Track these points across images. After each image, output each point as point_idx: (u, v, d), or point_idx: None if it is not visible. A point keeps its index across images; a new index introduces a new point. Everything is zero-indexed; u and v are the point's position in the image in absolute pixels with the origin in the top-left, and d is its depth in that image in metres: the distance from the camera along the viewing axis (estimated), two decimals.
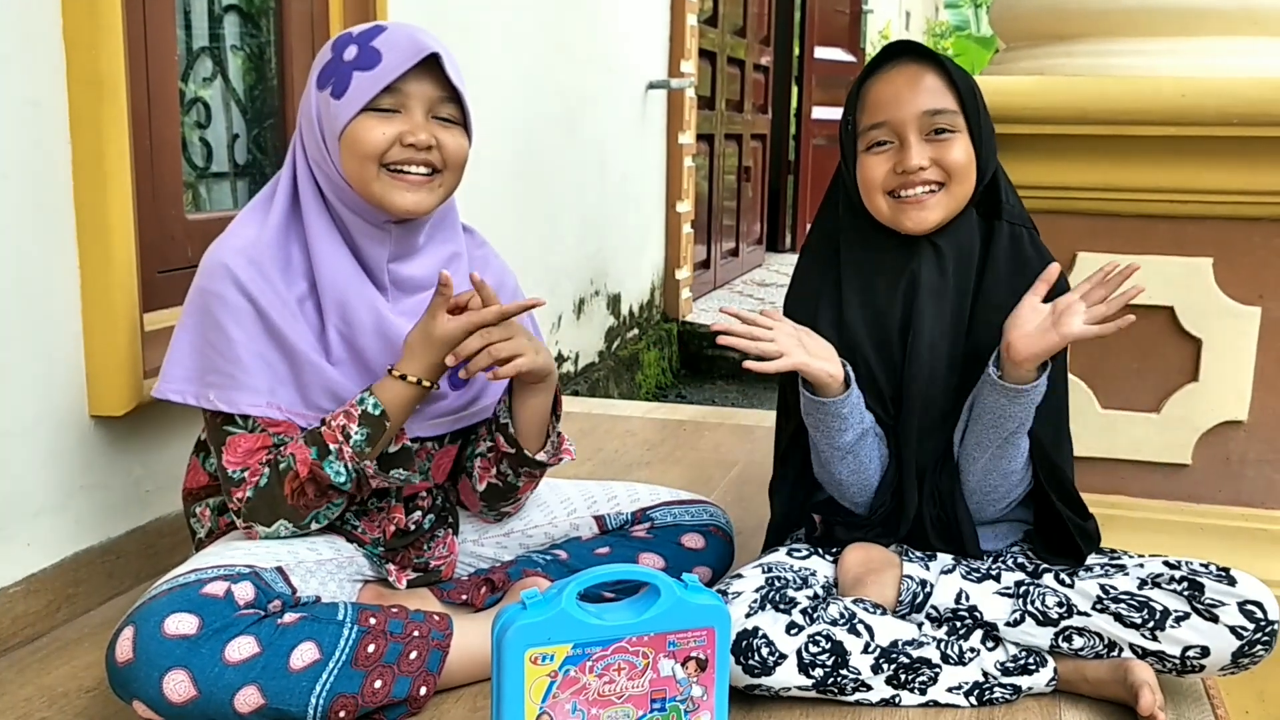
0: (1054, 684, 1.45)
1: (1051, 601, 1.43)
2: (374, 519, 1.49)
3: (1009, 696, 1.43)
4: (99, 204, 1.65)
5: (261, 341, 1.39)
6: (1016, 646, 1.45)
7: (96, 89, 1.62)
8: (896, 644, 1.40)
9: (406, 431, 1.48)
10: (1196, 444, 1.89)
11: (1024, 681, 1.44)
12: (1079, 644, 1.42)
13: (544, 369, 1.46)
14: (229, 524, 1.51)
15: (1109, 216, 1.87)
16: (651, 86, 4.76)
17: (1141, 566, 1.45)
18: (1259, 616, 1.37)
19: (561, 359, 3.95)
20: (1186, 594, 1.39)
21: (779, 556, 1.52)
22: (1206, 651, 1.38)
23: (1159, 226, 1.85)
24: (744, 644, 1.35)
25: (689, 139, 5.15)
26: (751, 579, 1.45)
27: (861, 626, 1.40)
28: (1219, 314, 1.84)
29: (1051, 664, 1.45)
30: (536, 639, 1.13)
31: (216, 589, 1.29)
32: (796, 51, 7.57)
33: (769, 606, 1.40)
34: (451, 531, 1.57)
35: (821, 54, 7.64)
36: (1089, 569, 1.47)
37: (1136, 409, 1.91)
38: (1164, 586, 1.41)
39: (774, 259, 7.44)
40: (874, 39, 11.06)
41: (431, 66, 1.39)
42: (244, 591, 1.32)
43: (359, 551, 1.49)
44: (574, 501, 1.68)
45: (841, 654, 1.38)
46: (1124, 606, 1.40)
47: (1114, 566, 1.46)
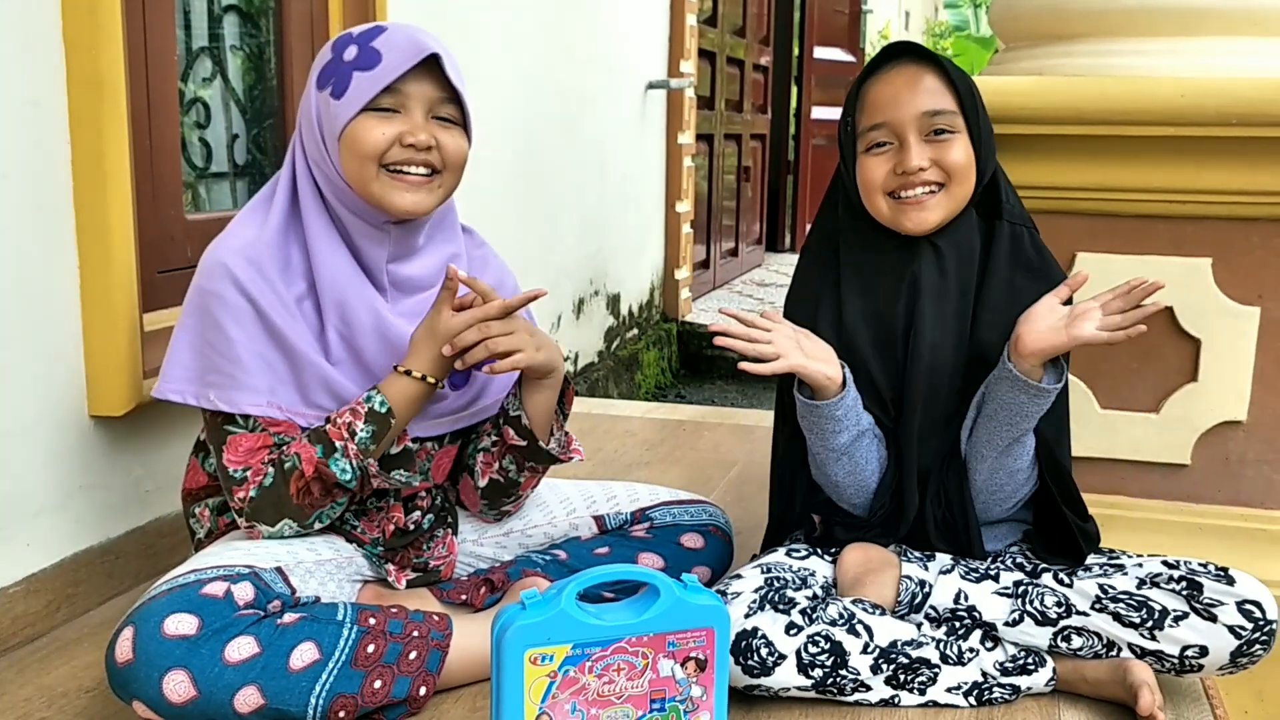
0: (1053, 684, 1.45)
1: (1050, 601, 1.43)
2: (373, 519, 1.49)
3: (1008, 697, 1.43)
4: (99, 204, 1.65)
5: (261, 341, 1.39)
6: (1015, 647, 1.45)
7: (96, 89, 1.62)
8: (896, 644, 1.40)
9: (408, 432, 1.48)
10: (1196, 444, 1.89)
11: (1023, 681, 1.44)
12: (1078, 644, 1.42)
13: (545, 365, 1.46)
14: (228, 524, 1.51)
15: (1108, 217, 1.87)
16: (651, 86, 4.76)
17: (1140, 566, 1.45)
18: (1257, 616, 1.37)
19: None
20: (1185, 593, 1.39)
21: (778, 557, 1.52)
22: (1205, 651, 1.38)
23: (1158, 227, 1.85)
24: (743, 644, 1.35)
25: (688, 139, 5.15)
26: (750, 579, 1.45)
27: (860, 627, 1.40)
28: (1218, 314, 1.84)
29: (1050, 664, 1.45)
30: (536, 639, 1.13)
31: (216, 589, 1.30)
32: (796, 51, 7.57)
33: (768, 607, 1.40)
34: (451, 532, 1.57)
35: (821, 54, 7.64)
36: (1088, 569, 1.47)
37: (1136, 409, 1.91)
38: (1163, 586, 1.41)
39: (773, 259, 7.44)
40: (873, 39, 11.06)
41: (431, 67, 1.39)
42: (243, 592, 1.32)
43: (358, 552, 1.49)
44: (573, 501, 1.68)
45: (841, 654, 1.38)
46: (1123, 606, 1.40)
47: (1113, 566, 1.47)
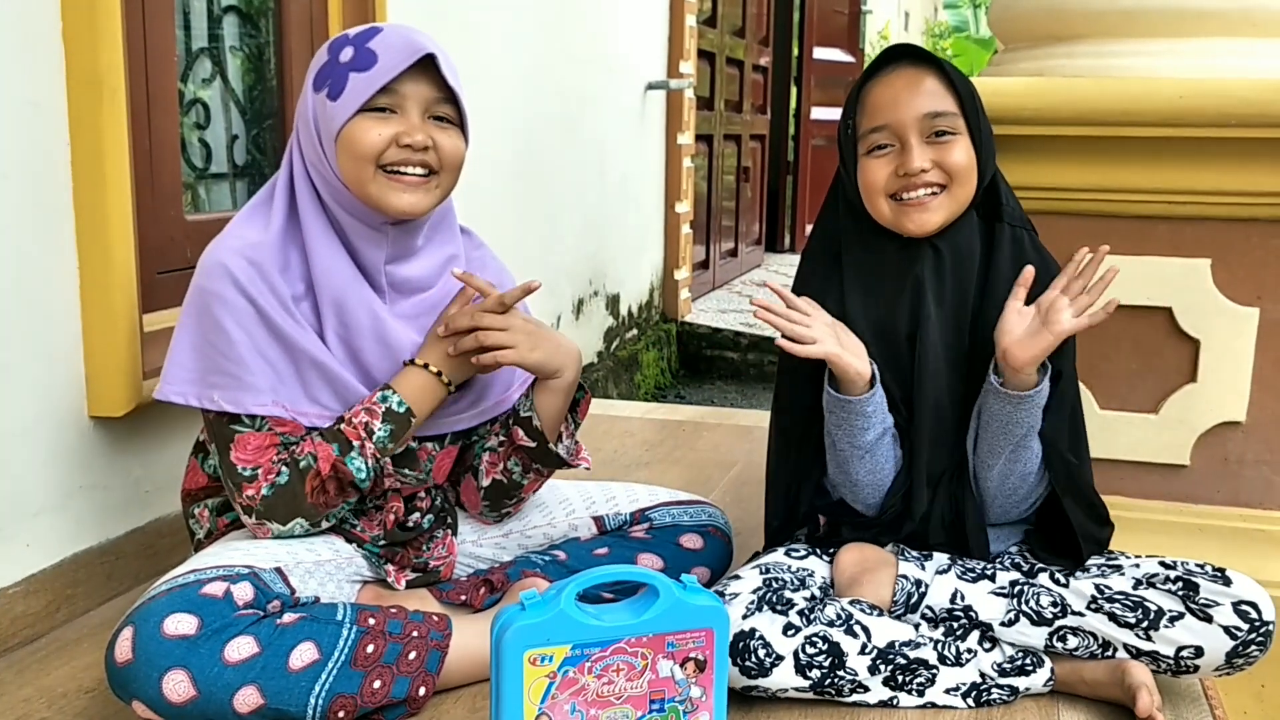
0: (1051, 685, 1.45)
1: (1046, 601, 1.43)
2: (372, 518, 1.49)
3: (1006, 698, 1.43)
4: (98, 204, 1.65)
5: (263, 341, 1.39)
6: (1013, 647, 1.45)
7: (96, 89, 1.62)
8: (894, 645, 1.40)
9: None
10: (1195, 445, 1.89)
11: (1021, 682, 1.44)
12: (1073, 643, 1.42)
13: (539, 365, 1.47)
14: (228, 525, 1.51)
15: (1107, 218, 1.87)
16: (650, 87, 4.76)
17: (1138, 567, 1.45)
18: (1253, 617, 1.36)
19: None
20: (1181, 594, 1.39)
21: (776, 557, 1.52)
22: (1200, 652, 1.38)
23: (1157, 227, 1.85)
24: (741, 645, 1.35)
25: (688, 139, 5.15)
26: (749, 580, 1.45)
27: (858, 628, 1.40)
28: (1217, 315, 1.84)
29: (1049, 665, 1.45)
30: (535, 640, 1.13)
31: (215, 589, 1.30)
32: (795, 52, 7.56)
33: (766, 608, 1.40)
34: (450, 532, 1.57)
35: (820, 54, 7.64)
36: (1085, 569, 1.47)
37: (1135, 410, 1.91)
38: (1159, 586, 1.41)
39: (773, 259, 7.44)
40: (873, 39, 11.07)
41: (427, 67, 1.39)
42: (243, 592, 1.32)
43: (358, 552, 1.49)
44: (572, 502, 1.68)
45: (839, 655, 1.38)
46: (1118, 606, 1.40)
47: (1110, 567, 1.46)
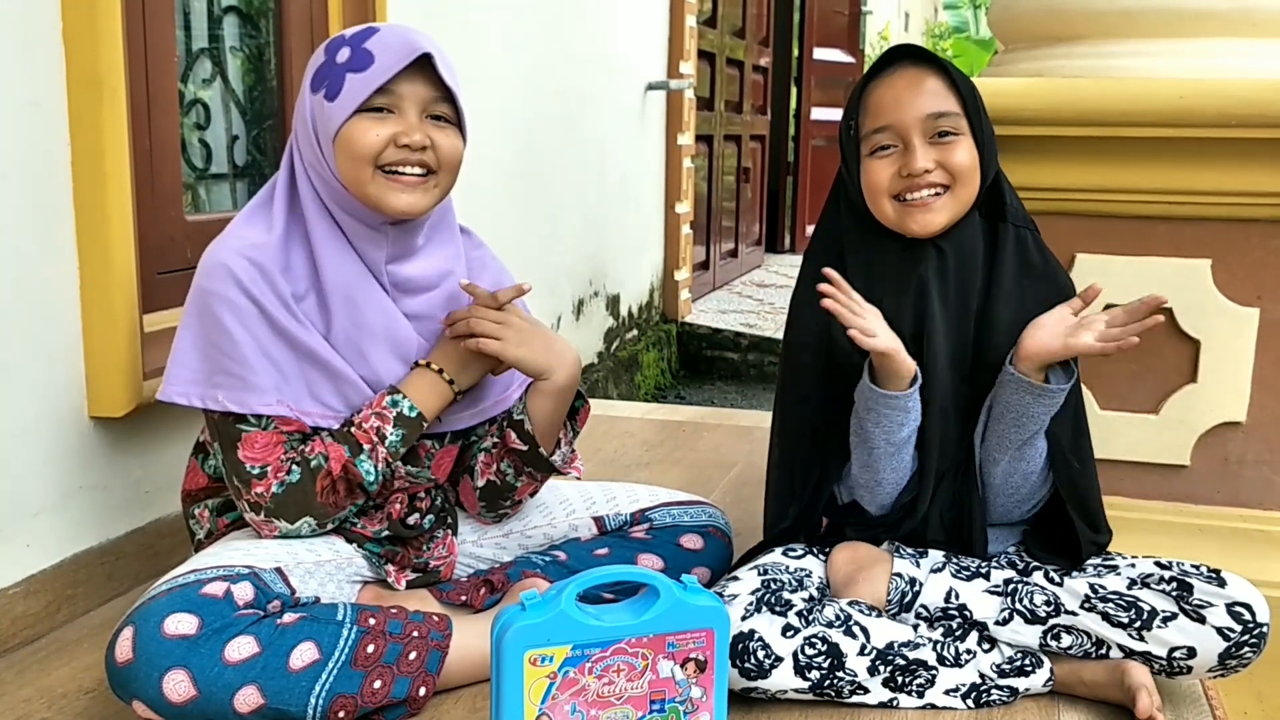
0: (1051, 685, 1.45)
1: (1039, 600, 1.43)
2: (372, 517, 1.49)
3: (1006, 699, 1.43)
4: (99, 205, 1.65)
5: (267, 341, 1.39)
6: (1012, 648, 1.45)
7: (96, 90, 1.62)
8: (893, 646, 1.40)
9: None
10: (1195, 445, 1.89)
11: (1020, 683, 1.44)
12: (1067, 642, 1.42)
13: (520, 362, 1.47)
14: (228, 525, 1.51)
15: (1107, 218, 1.87)
16: (650, 87, 4.76)
17: (1133, 567, 1.45)
18: (1247, 619, 1.36)
19: None
20: (1175, 594, 1.39)
21: (775, 558, 1.52)
22: (1193, 652, 1.37)
23: (1157, 228, 1.85)
24: (740, 647, 1.35)
25: (688, 140, 5.15)
26: (747, 581, 1.45)
27: (857, 628, 1.40)
28: (1217, 315, 1.84)
29: (1048, 665, 1.45)
30: (536, 640, 1.13)
31: (216, 589, 1.30)
32: (795, 52, 7.56)
33: (764, 609, 1.39)
34: (451, 532, 1.57)
35: (820, 55, 7.64)
36: (1081, 569, 1.47)
37: (1135, 410, 1.91)
38: (1153, 587, 1.40)
39: (773, 260, 7.44)
40: (873, 40, 11.07)
41: (424, 67, 1.39)
42: (243, 592, 1.32)
43: (358, 552, 1.49)
44: (573, 503, 1.68)
45: (838, 656, 1.38)
46: (1111, 606, 1.40)
47: (1105, 566, 1.46)
